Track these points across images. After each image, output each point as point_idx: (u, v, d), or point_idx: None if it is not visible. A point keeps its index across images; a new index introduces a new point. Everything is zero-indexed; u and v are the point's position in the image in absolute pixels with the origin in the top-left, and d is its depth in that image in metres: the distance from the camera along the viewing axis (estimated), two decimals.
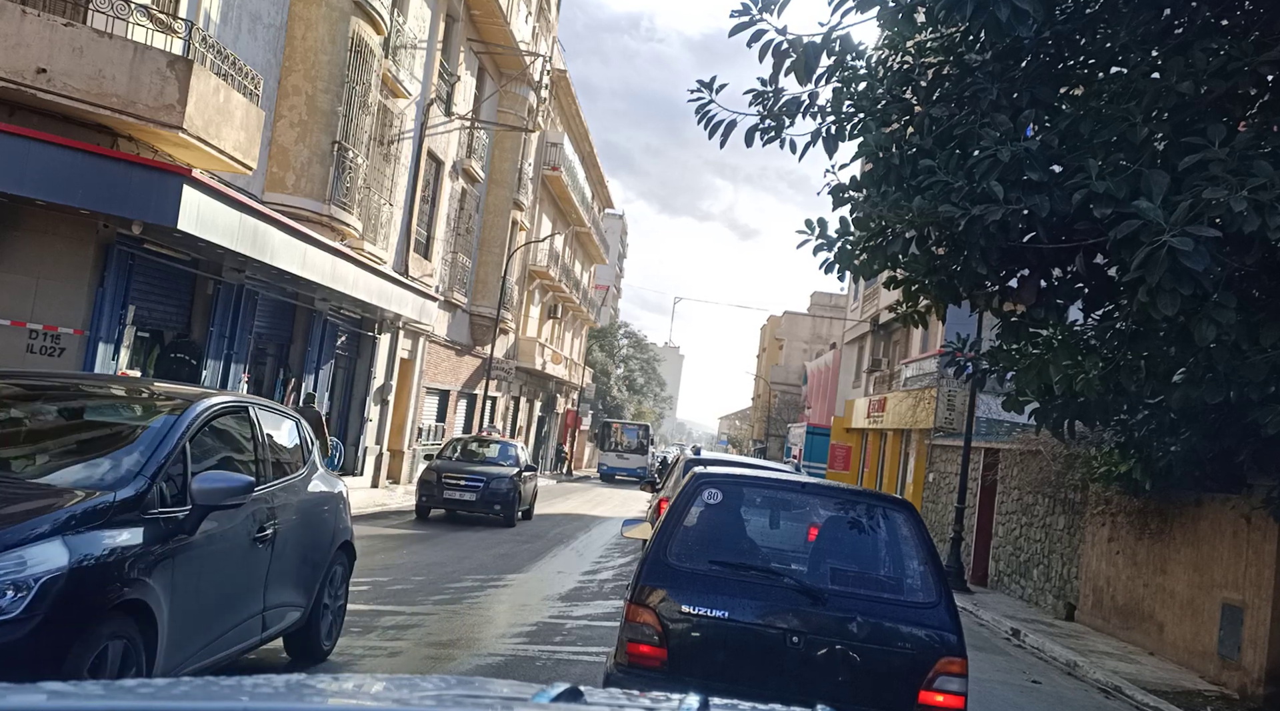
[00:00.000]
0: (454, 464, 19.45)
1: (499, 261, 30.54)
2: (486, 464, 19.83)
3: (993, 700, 9.01)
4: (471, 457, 20.29)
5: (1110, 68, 7.49)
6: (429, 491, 18.59)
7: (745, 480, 6.36)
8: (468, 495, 18.45)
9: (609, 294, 76.10)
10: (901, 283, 8.42)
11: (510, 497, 18.81)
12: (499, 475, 18.95)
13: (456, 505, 18.64)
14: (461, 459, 20.03)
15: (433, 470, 19.02)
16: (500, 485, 18.69)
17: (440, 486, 18.47)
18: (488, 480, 18.65)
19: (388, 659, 7.67)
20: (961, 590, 16.83)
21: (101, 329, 12.10)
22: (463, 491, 18.44)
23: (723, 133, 7.54)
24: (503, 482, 18.78)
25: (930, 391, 23.78)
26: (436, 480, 18.60)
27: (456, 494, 18.43)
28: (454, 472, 18.77)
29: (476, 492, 18.44)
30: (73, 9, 11.11)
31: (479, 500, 18.48)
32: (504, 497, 18.70)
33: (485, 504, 18.56)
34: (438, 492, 18.46)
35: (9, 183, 10.57)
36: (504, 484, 18.78)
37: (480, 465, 19.60)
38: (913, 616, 5.07)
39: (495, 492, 18.56)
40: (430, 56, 23.04)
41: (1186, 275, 5.19)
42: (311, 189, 16.35)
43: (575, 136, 42.91)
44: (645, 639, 5.02)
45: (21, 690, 1.45)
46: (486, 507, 18.62)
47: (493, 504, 18.58)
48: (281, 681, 1.70)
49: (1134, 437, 11.65)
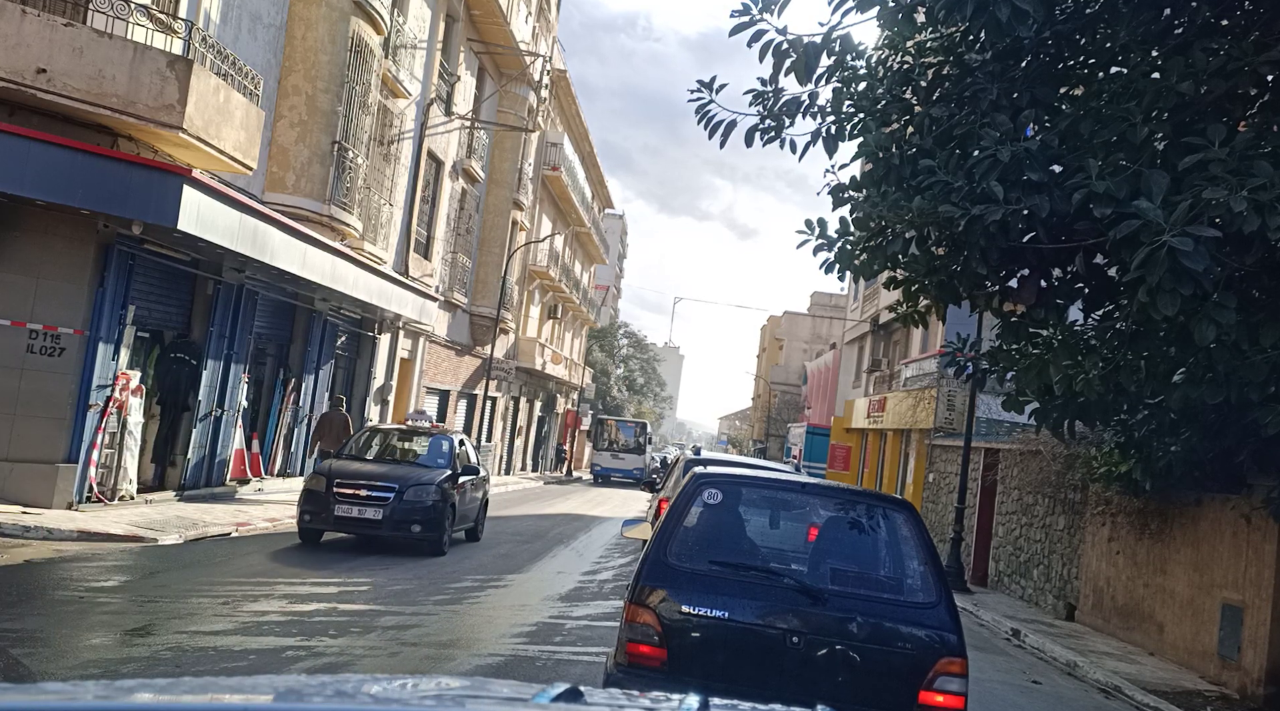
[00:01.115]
0: (354, 466, 13.82)
1: (499, 261, 30.54)
2: (405, 465, 14.39)
3: (993, 700, 9.01)
4: (386, 456, 14.99)
5: (1110, 68, 7.49)
6: (315, 506, 13.00)
7: (745, 480, 6.36)
8: (370, 511, 12.93)
9: (609, 294, 76.11)
10: (901, 283, 8.41)
11: (436, 513, 13.35)
12: (420, 481, 13.48)
13: (354, 526, 13.10)
14: (370, 458, 14.70)
15: (321, 475, 13.35)
16: (421, 496, 13.29)
17: (331, 498, 12.92)
18: (401, 489, 13.14)
19: (388, 658, 7.67)
20: (961, 590, 16.83)
21: (101, 329, 12.10)
22: (363, 506, 12.94)
23: (723, 133, 7.54)
24: (425, 492, 13.35)
25: (930, 391, 23.79)
26: (325, 490, 13.00)
27: (354, 509, 12.92)
28: (351, 478, 13.15)
29: (384, 507, 12.98)
30: (73, 9, 11.11)
31: (388, 518, 12.99)
32: (426, 513, 13.24)
33: (397, 522, 13.08)
34: (327, 508, 12.93)
35: (9, 183, 10.57)
36: (427, 494, 13.36)
37: (394, 467, 14.14)
38: (913, 616, 5.07)
39: (413, 506, 13.14)
40: (430, 56, 23.05)
41: (1186, 275, 5.19)
42: (311, 189, 16.35)
43: (575, 136, 42.92)
44: (645, 639, 5.02)
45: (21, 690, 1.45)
46: (399, 527, 13.14)
47: (408, 522, 13.14)
48: (281, 681, 1.70)
49: (1134, 437, 11.66)
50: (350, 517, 13.00)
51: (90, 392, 12.10)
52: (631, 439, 47.74)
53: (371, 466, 14.00)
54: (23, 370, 11.70)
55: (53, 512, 11.50)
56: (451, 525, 14.05)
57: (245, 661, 7.02)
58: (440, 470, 14.07)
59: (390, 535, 13.39)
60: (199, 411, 14.90)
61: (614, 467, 46.33)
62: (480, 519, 16.11)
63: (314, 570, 11.40)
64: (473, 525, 15.70)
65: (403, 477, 13.48)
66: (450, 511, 13.85)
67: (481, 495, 16.15)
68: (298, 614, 8.90)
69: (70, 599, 8.49)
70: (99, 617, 7.93)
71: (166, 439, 14.83)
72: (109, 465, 12.97)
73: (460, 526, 14.85)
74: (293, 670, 6.88)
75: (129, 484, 13.32)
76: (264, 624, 8.31)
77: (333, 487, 13.01)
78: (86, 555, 10.27)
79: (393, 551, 13.53)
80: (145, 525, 11.81)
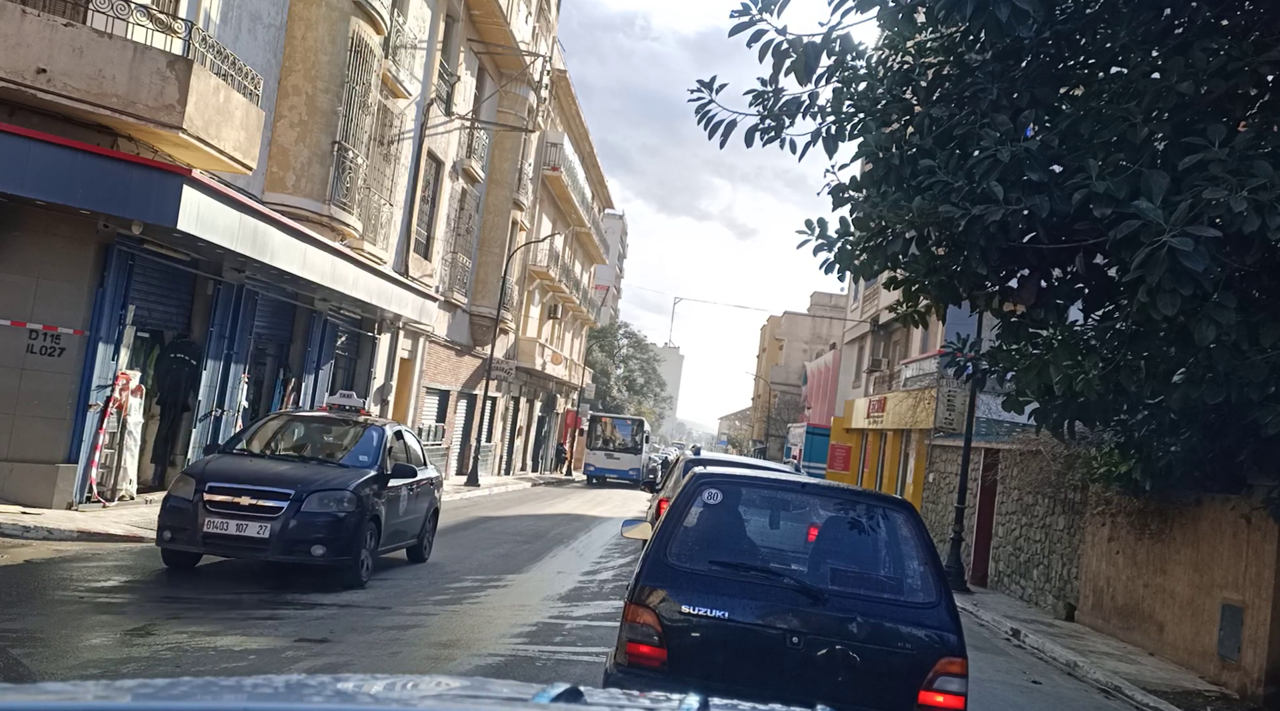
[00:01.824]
0: (239, 465, 10.43)
1: (499, 261, 30.54)
2: (313, 464, 10.92)
3: (993, 700, 9.01)
4: (292, 452, 11.60)
5: (1110, 68, 7.49)
6: (178, 520, 9.69)
7: (745, 480, 6.36)
8: (253, 527, 9.63)
9: (609, 294, 76.12)
10: (901, 283, 8.42)
11: (347, 530, 10.00)
12: (328, 486, 10.13)
13: (229, 547, 9.84)
14: (269, 455, 11.31)
15: (190, 477, 10.07)
16: (327, 505, 9.93)
17: (199, 509, 9.63)
18: (299, 496, 9.83)
19: (388, 658, 7.67)
20: (961, 590, 16.83)
21: (101, 329, 12.10)
22: (244, 519, 9.64)
23: (723, 133, 7.54)
24: (333, 500, 9.98)
25: (930, 391, 23.78)
26: (193, 497, 9.71)
27: (230, 525, 9.62)
28: (229, 481, 9.87)
29: (272, 521, 9.67)
30: (73, 9, 11.11)
31: (278, 537, 9.66)
32: (332, 529, 9.90)
33: (291, 542, 9.73)
34: (193, 522, 9.61)
35: (9, 183, 10.58)
36: (335, 502, 9.98)
37: (297, 466, 10.73)
38: (913, 616, 5.07)
39: (313, 520, 9.80)
40: (430, 56, 23.05)
41: (1186, 275, 5.19)
42: (311, 189, 16.35)
43: (575, 136, 42.92)
44: (645, 639, 5.02)
45: (21, 690, 1.45)
46: (294, 548, 9.79)
47: (306, 542, 9.78)
48: (281, 681, 1.70)
49: (1134, 438, 11.66)
50: (224, 535, 9.60)
51: (90, 393, 12.10)
52: (628, 437, 45.06)
53: (264, 465, 10.55)
54: (23, 370, 11.71)
55: (53, 512, 11.50)
56: (378, 544, 10.81)
57: (245, 661, 7.02)
58: (361, 471, 10.65)
59: (281, 560, 9.95)
60: (199, 411, 14.89)
61: (609, 468, 43.72)
62: (427, 533, 12.90)
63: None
64: (415, 542, 12.50)
65: (304, 480, 10.07)
66: (373, 526, 10.55)
67: (428, 505, 12.76)
68: (298, 614, 8.90)
69: (70, 599, 8.49)
70: (99, 617, 7.93)
71: (166, 439, 14.83)
72: (109, 465, 12.97)
73: (395, 545, 11.75)
74: (293, 670, 6.88)
75: (129, 484, 13.32)
76: (264, 623, 8.31)
77: (203, 494, 9.67)
78: (86, 555, 10.27)
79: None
80: (145, 525, 11.80)
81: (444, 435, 29.26)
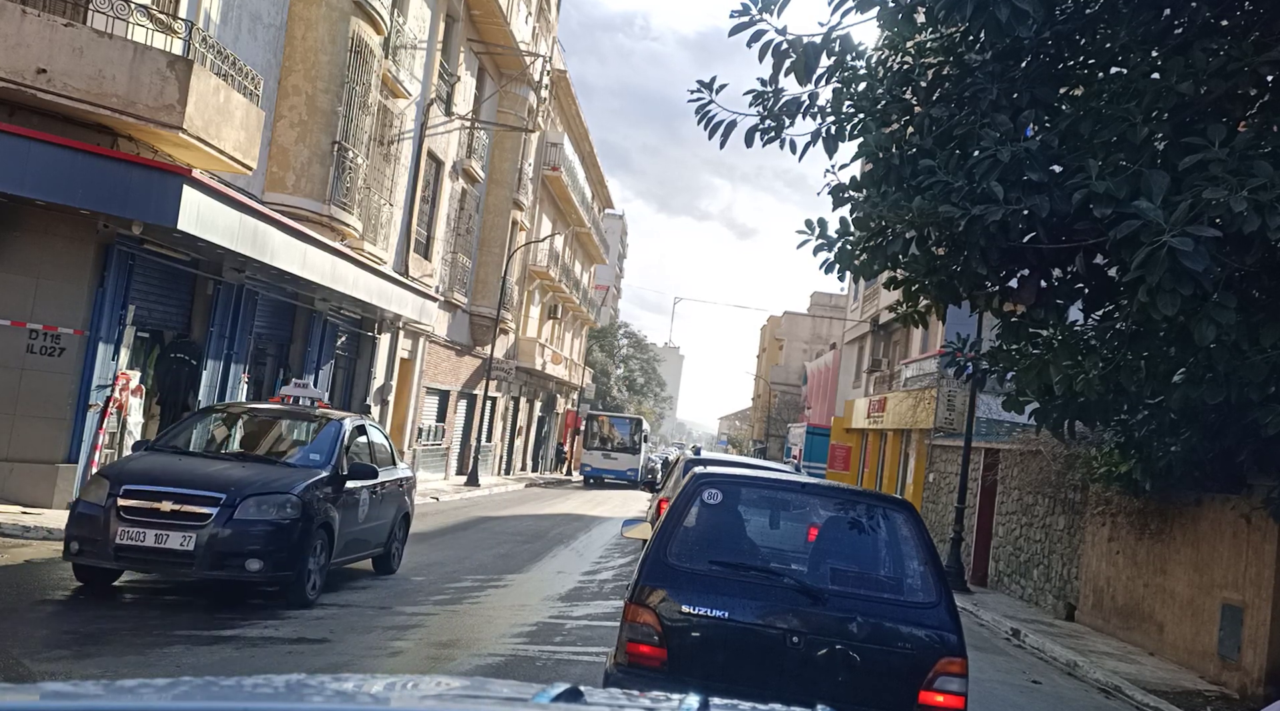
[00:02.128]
0: (163, 464, 8.91)
1: (499, 261, 30.55)
2: (254, 464, 9.47)
3: (993, 700, 9.01)
4: (234, 450, 10.20)
5: (1110, 68, 7.50)
6: (87, 529, 8.25)
7: (745, 480, 6.36)
8: (175, 538, 8.12)
9: (609, 294, 76.13)
10: (901, 283, 8.42)
11: (288, 541, 8.57)
12: (268, 489, 8.67)
13: (147, 561, 8.34)
14: (202, 452, 9.82)
15: (104, 479, 8.63)
16: (264, 512, 8.50)
17: (112, 517, 8.20)
18: (231, 501, 8.35)
19: (388, 659, 7.67)
20: (961, 590, 16.83)
21: (101, 329, 12.10)
22: (165, 529, 8.14)
23: (723, 133, 7.54)
24: (272, 506, 8.56)
25: (930, 391, 23.78)
26: (105, 503, 8.29)
27: (147, 535, 8.12)
28: (149, 483, 8.39)
29: (199, 531, 8.18)
30: (73, 9, 11.11)
31: (204, 549, 8.18)
32: (270, 541, 8.45)
33: (220, 556, 8.27)
34: (104, 533, 8.17)
35: (9, 183, 10.58)
36: (275, 508, 8.57)
37: (234, 466, 9.19)
38: (913, 616, 5.07)
39: (247, 530, 8.35)
40: (430, 56, 23.05)
41: (1186, 275, 5.19)
42: (311, 189, 16.35)
43: (575, 136, 42.93)
44: (645, 639, 5.02)
45: (21, 690, 1.45)
46: (224, 563, 8.32)
47: (239, 555, 8.33)
48: (281, 681, 1.70)
49: (1134, 438, 11.66)
50: (140, 547, 8.09)
51: (90, 392, 12.10)
52: (626, 436, 43.46)
53: (194, 464, 9.00)
54: (23, 370, 11.71)
55: (53, 512, 11.49)
56: (330, 556, 9.40)
57: (246, 661, 7.02)
58: (311, 471, 9.25)
59: (208, 577, 8.41)
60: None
61: (606, 468, 42.10)
62: (394, 541, 11.49)
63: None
64: (381, 550, 11.18)
65: (240, 482, 8.57)
66: (323, 535, 9.16)
67: (396, 510, 11.48)
68: (297, 613, 8.89)
69: (70, 598, 8.48)
70: (98, 617, 7.93)
71: None
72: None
73: (354, 555, 10.46)
74: (293, 670, 6.87)
75: None
76: (263, 622, 8.30)
77: (117, 499, 8.22)
78: None
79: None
80: None
81: (444, 435, 29.27)
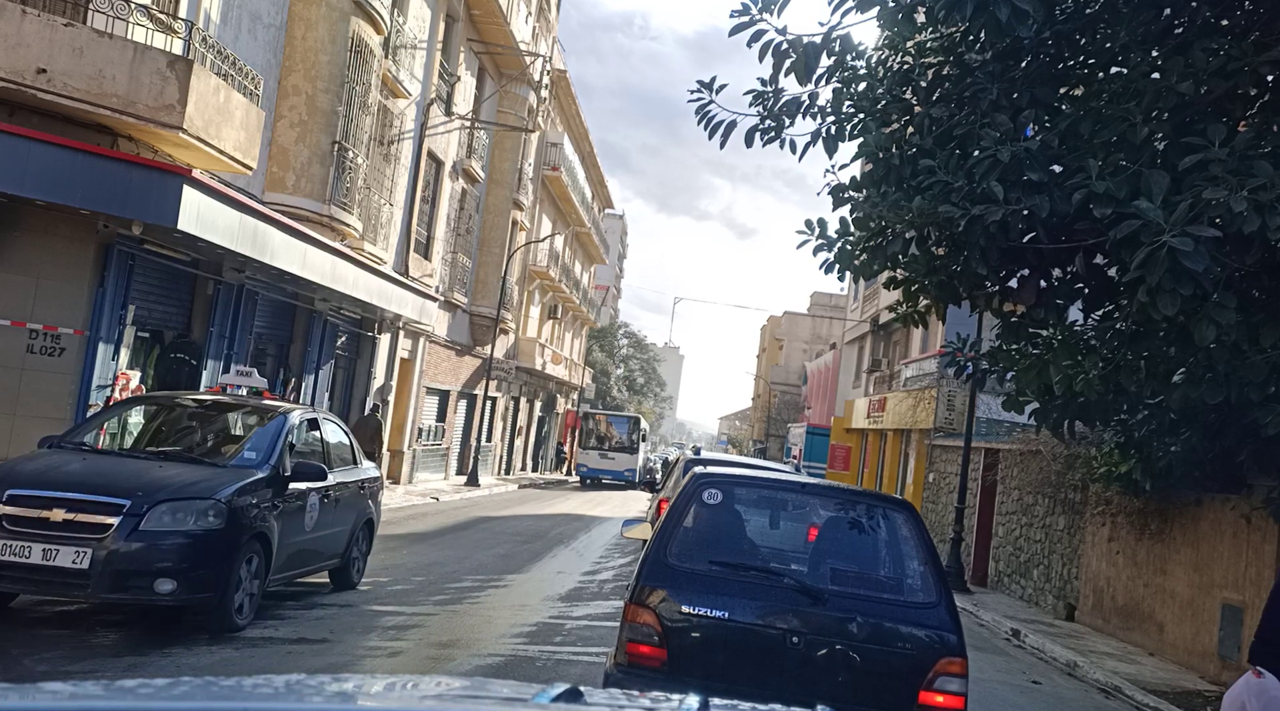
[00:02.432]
0: (61, 464, 7.64)
1: (499, 261, 30.54)
2: (171, 464, 8.00)
3: (993, 700, 9.01)
4: (155, 448, 8.76)
5: (1110, 68, 7.49)
6: None
7: (745, 480, 6.36)
8: (65, 554, 6.84)
9: (609, 294, 76.11)
10: (901, 283, 8.42)
11: (211, 555, 7.30)
12: (186, 493, 7.35)
13: (33, 581, 7.01)
14: (116, 450, 9.27)
15: None
16: (178, 521, 7.20)
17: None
18: (139, 508, 7.06)
19: (388, 659, 7.67)
20: (961, 590, 16.83)
21: (101, 329, 12.10)
22: (54, 543, 6.86)
23: (723, 133, 7.54)
24: (189, 514, 7.25)
25: (930, 391, 23.78)
26: None
27: (33, 550, 6.83)
28: (37, 487, 7.12)
29: (93, 547, 6.87)
30: (73, 9, 11.10)
31: (102, 567, 6.86)
32: (184, 556, 7.14)
33: (122, 575, 6.95)
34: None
35: (9, 183, 10.57)
36: (192, 516, 7.26)
37: (148, 465, 7.84)
38: (913, 616, 5.07)
39: (156, 544, 7.04)
40: (430, 56, 23.04)
41: (1186, 275, 5.19)
42: (311, 189, 16.35)
43: (575, 136, 42.93)
44: (645, 639, 5.01)
45: (21, 690, 1.45)
46: (127, 584, 7.00)
47: (147, 574, 7.01)
48: (281, 681, 1.70)
49: (1134, 437, 11.65)
50: (24, 565, 6.77)
51: (90, 393, 12.09)
52: (624, 435, 41.78)
53: (99, 465, 7.68)
54: (23, 370, 11.70)
55: None
56: (267, 572, 7.97)
57: (246, 661, 7.02)
58: (244, 472, 7.88)
59: (108, 600, 7.22)
60: None
61: (602, 468, 40.57)
62: (354, 551, 10.11)
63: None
64: (338, 562, 9.78)
65: (151, 486, 7.20)
66: (255, 548, 7.73)
67: (356, 516, 10.05)
68: (298, 614, 8.89)
69: None
70: (98, 617, 7.93)
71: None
72: None
73: (302, 569, 9.09)
74: (293, 670, 6.87)
75: None
76: (263, 622, 8.31)
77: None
78: None
79: (393, 550, 13.14)
80: None
81: (444, 435, 29.27)
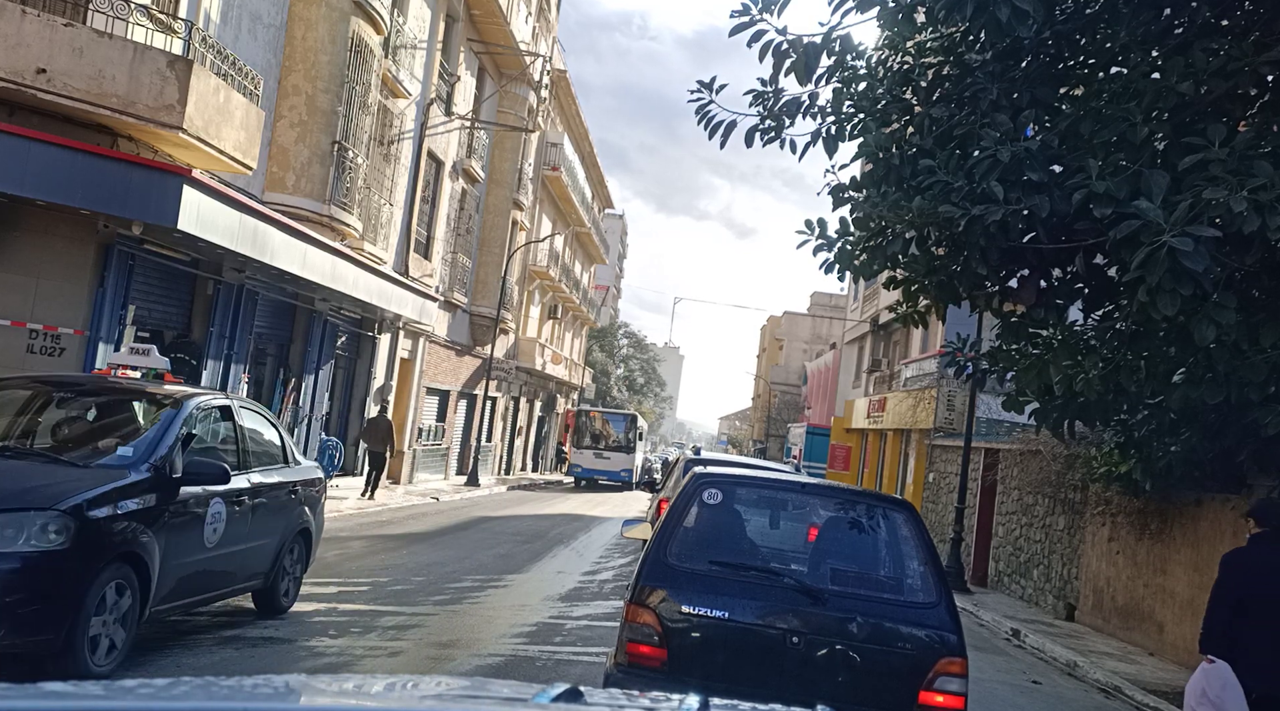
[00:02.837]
0: None
1: (499, 261, 30.54)
2: (8, 462, 6.18)
3: (993, 700, 9.01)
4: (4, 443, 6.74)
5: (1110, 68, 7.50)
6: None
7: (745, 480, 6.36)
8: None
9: (609, 294, 76.12)
10: (901, 283, 8.42)
11: (46, 585, 5.43)
12: (16, 504, 5.44)
13: None
14: None
15: None
16: (8, 543, 5.29)
17: None
18: None
19: (388, 659, 7.67)
20: (961, 590, 16.83)
21: (101, 329, 12.10)
22: None
23: (723, 133, 7.54)
24: (18, 531, 5.34)
25: (930, 391, 23.79)
26: None
27: None
28: None
29: None
30: (73, 9, 11.10)
31: None
32: (8, 590, 5.21)
33: None
34: None
35: (9, 183, 10.57)
36: (27, 534, 5.35)
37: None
38: (913, 616, 5.07)
39: None
40: (430, 56, 23.04)
41: (1186, 275, 5.19)
42: (311, 189, 16.35)
43: (575, 136, 42.93)
44: (645, 639, 5.01)
45: (22, 690, 1.45)
46: None
47: None
48: (281, 681, 1.70)
49: (1134, 438, 11.65)
50: None
51: None
52: (621, 434, 39.76)
53: None
54: (23, 370, 11.69)
55: None
56: (146, 602, 6.25)
57: (246, 661, 7.02)
58: (113, 473, 6.17)
59: None
60: None
61: (598, 469, 38.79)
62: (285, 568, 8.44)
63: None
64: (260, 583, 8.11)
65: None
66: (123, 572, 6.00)
67: (286, 525, 8.32)
68: (296, 613, 8.89)
69: None
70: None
71: None
72: None
73: (209, 593, 7.41)
74: (293, 670, 6.87)
75: None
76: (262, 623, 8.30)
77: None
78: None
79: (393, 550, 13.21)
80: None
81: (444, 435, 29.27)
